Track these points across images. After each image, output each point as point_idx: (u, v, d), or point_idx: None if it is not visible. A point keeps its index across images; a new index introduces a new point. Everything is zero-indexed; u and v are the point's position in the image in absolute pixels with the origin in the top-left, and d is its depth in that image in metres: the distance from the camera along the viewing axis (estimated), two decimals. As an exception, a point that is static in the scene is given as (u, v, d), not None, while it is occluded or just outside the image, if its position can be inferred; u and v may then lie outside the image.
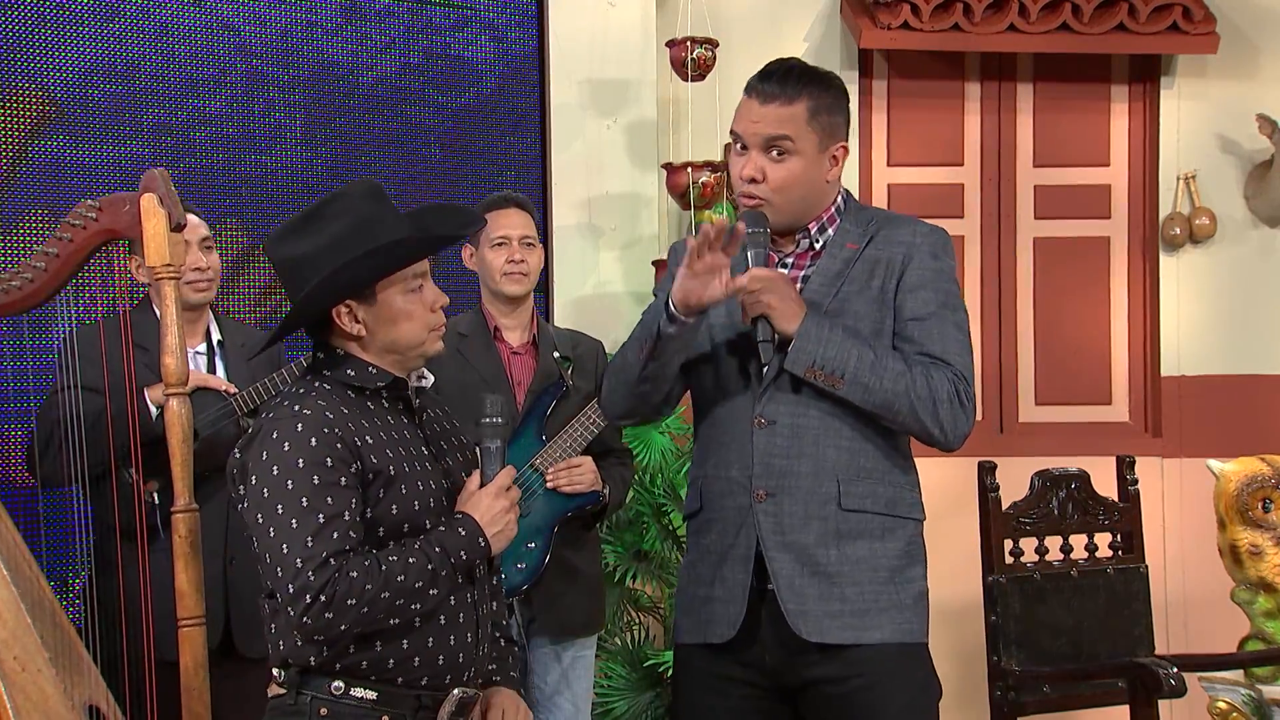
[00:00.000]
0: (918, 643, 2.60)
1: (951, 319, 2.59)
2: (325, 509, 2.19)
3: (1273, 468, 3.90)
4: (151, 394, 3.26)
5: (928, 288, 2.59)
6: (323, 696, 2.26)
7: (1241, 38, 5.00)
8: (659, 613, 4.39)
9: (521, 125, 4.75)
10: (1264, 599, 3.90)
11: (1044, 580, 3.69)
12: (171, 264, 2.97)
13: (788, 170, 2.56)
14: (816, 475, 2.55)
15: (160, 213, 2.96)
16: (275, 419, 2.27)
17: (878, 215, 2.70)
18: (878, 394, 2.50)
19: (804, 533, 2.54)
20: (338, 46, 4.44)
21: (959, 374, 2.55)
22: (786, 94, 2.56)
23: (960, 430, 2.56)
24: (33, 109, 3.93)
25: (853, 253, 2.61)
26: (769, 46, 4.94)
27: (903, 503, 2.61)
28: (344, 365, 2.35)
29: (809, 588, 2.53)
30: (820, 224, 2.64)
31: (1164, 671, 3.31)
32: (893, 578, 2.57)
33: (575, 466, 3.48)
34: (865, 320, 2.57)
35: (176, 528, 2.96)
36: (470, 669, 2.35)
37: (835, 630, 2.53)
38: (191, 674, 2.95)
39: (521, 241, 3.58)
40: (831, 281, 2.60)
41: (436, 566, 2.24)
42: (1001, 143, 5.14)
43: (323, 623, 2.18)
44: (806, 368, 2.50)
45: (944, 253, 2.63)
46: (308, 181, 4.36)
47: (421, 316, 2.35)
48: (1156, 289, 5.08)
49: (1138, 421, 5.12)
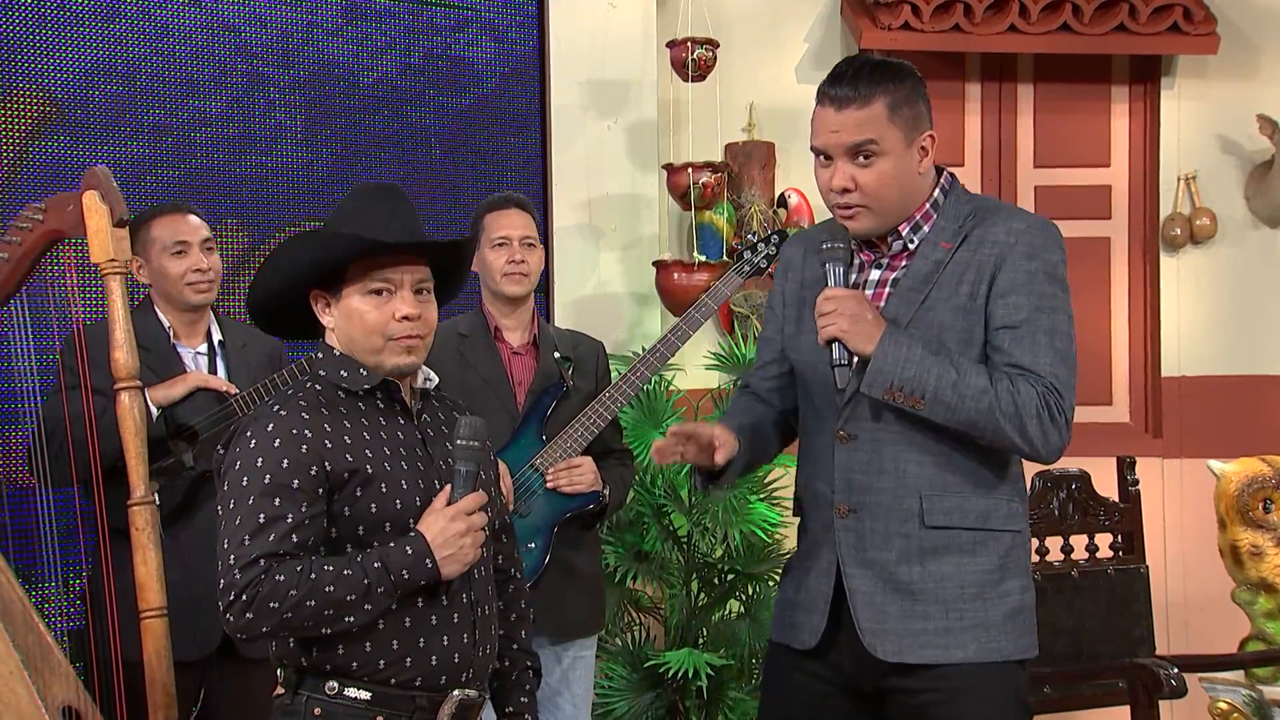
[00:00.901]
0: (1005, 661, 2.49)
1: (1045, 324, 2.44)
2: (269, 510, 2.21)
3: (1273, 468, 3.91)
4: (152, 394, 3.27)
5: (1020, 291, 2.44)
6: (318, 696, 2.27)
7: (1242, 38, 5.01)
8: (659, 613, 4.39)
9: (522, 126, 4.75)
10: (1264, 599, 3.91)
11: (1045, 581, 3.69)
12: (116, 259, 3.01)
13: (878, 173, 2.46)
14: (897, 491, 2.48)
15: (102, 209, 2.99)
16: (254, 418, 2.31)
17: (978, 207, 2.55)
18: (961, 413, 2.40)
19: (885, 550, 2.49)
20: (338, 47, 4.44)
21: (1049, 386, 2.41)
22: (861, 95, 2.44)
23: (1053, 444, 2.43)
24: (33, 109, 3.93)
25: (945, 253, 2.49)
26: (769, 47, 4.97)
27: (997, 515, 2.50)
28: (339, 366, 2.36)
29: (890, 605, 2.48)
30: (913, 222, 2.53)
31: (1164, 672, 3.32)
32: (982, 594, 2.48)
33: (575, 467, 3.48)
34: (951, 330, 2.46)
35: (134, 520, 3.00)
36: (468, 670, 2.34)
37: (915, 649, 2.46)
38: (155, 666, 2.99)
39: (522, 242, 3.58)
40: (919, 286, 2.49)
41: (373, 582, 2.21)
42: (1002, 143, 5.14)
43: (243, 621, 2.19)
44: (885, 389, 2.42)
45: (1043, 249, 2.47)
46: (308, 182, 4.36)
47: (376, 323, 2.31)
48: (1157, 289, 5.08)
49: (1138, 422, 5.12)
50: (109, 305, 2.99)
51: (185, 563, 3.35)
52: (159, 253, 3.42)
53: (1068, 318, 2.48)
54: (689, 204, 4.59)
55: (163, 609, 3.00)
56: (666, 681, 4.16)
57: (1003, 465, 2.52)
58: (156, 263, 3.43)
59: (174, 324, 3.46)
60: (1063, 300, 2.48)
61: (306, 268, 2.33)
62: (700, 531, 4.28)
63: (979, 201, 2.58)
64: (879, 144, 2.45)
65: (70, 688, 3.04)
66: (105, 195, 3.00)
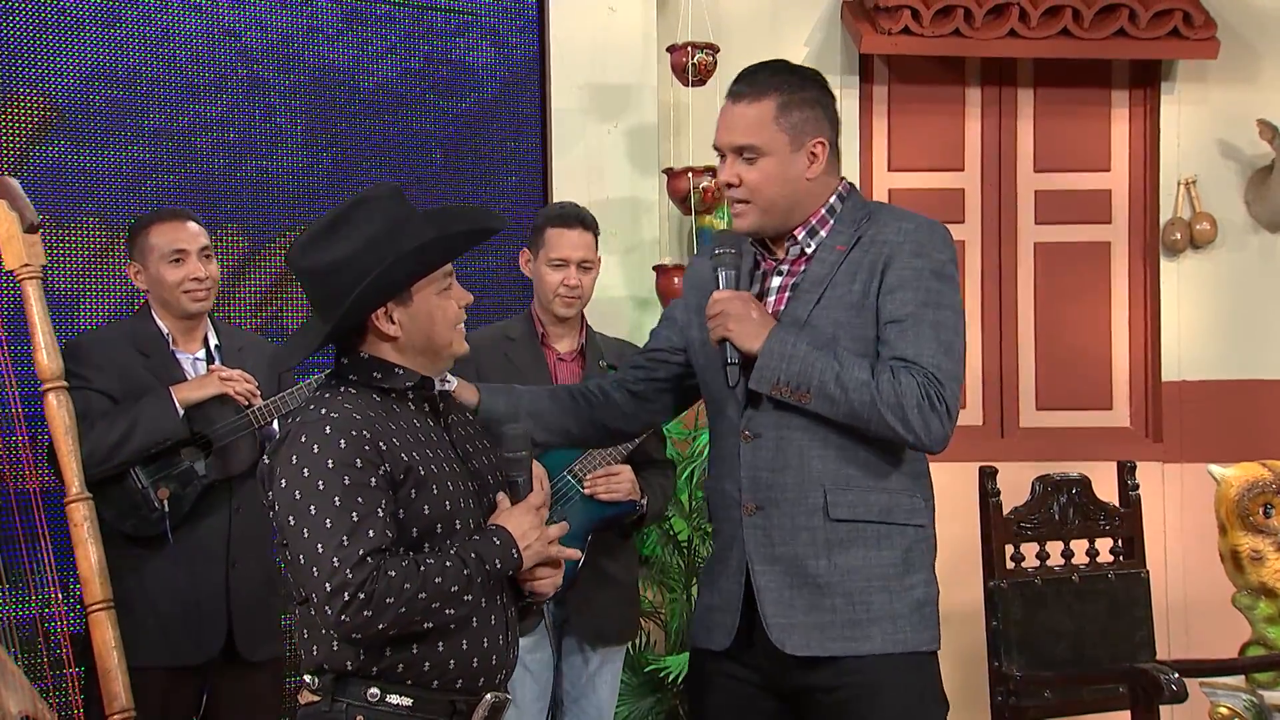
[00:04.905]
0: (915, 652, 2.55)
1: (931, 318, 2.50)
2: (358, 508, 2.18)
3: (1274, 473, 3.90)
4: (179, 393, 3.30)
5: (907, 288, 2.51)
6: (358, 703, 2.24)
7: (1242, 43, 5.01)
8: (660, 618, 4.39)
9: (522, 130, 4.75)
10: (1265, 604, 3.90)
11: (1045, 585, 3.69)
12: (30, 264, 3.11)
13: (760, 172, 2.55)
14: (802, 486, 2.53)
15: (11, 216, 3.11)
16: (303, 422, 2.26)
17: (872, 211, 2.63)
18: (844, 405, 2.46)
19: (792, 544, 2.53)
20: (339, 51, 4.44)
21: (930, 376, 2.46)
22: (754, 91, 2.56)
23: (935, 433, 2.48)
24: (34, 114, 3.93)
25: (840, 255, 2.57)
26: (770, 51, 4.92)
27: (900, 509, 2.57)
28: (370, 369, 2.33)
29: (798, 599, 2.53)
30: (809, 227, 2.61)
31: (1165, 677, 3.31)
32: (887, 585, 2.53)
33: (614, 474, 3.46)
34: (845, 328, 2.53)
35: (71, 516, 3.06)
36: (502, 672, 2.36)
37: (823, 643, 2.51)
38: (105, 657, 3.06)
39: (580, 265, 3.57)
40: (815, 288, 2.56)
41: (472, 572, 2.23)
42: (1002, 148, 5.14)
43: (361, 620, 2.15)
44: (772, 385, 2.49)
45: (930, 248, 2.54)
46: (309, 186, 4.36)
47: (453, 315, 2.36)
48: (1157, 294, 5.07)
49: (1139, 426, 5.12)
50: (26, 310, 3.10)
51: (192, 569, 3.36)
52: (157, 260, 3.43)
53: (954, 313, 2.54)
54: (689, 208, 4.59)
55: (108, 601, 3.08)
56: (667, 686, 4.16)
57: (907, 462, 2.58)
58: (154, 270, 3.43)
59: (172, 330, 3.47)
60: (949, 296, 2.54)
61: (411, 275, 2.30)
62: (700, 536, 4.27)
63: (873, 206, 2.67)
64: (760, 147, 2.54)
65: (26, 697, 3.09)
66: (14, 203, 3.11)
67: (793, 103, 2.56)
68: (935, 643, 2.60)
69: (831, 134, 2.61)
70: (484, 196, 4.31)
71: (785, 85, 2.57)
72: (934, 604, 2.61)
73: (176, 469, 3.33)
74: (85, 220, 3.97)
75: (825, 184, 2.61)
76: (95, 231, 3.98)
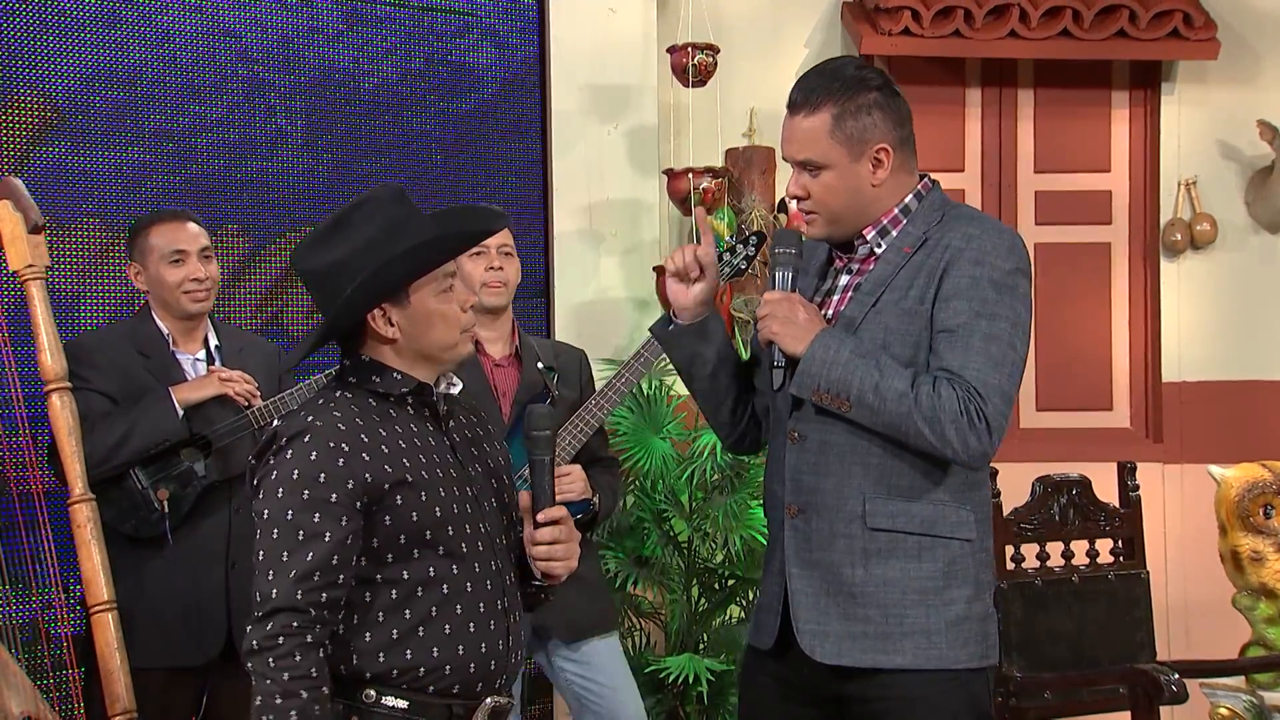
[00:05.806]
0: (949, 669, 2.47)
1: (983, 330, 2.41)
2: (309, 527, 2.16)
3: (1274, 473, 3.91)
4: (179, 394, 3.30)
5: (961, 297, 2.42)
6: (354, 705, 2.23)
7: (1242, 44, 5.01)
8: (660, 619, 4.39)
9: (522, 131, 4.75)
10: (1265, 605, 3.91)
11: (1045, 586, 3.69)
12: (34, 265, 3.11)
13: (822, 185, 2.50)
14: (841, 493, 2.48)
15: (15, 217, 3.10)
16: (289, 428, 2.24)
17: (946, 213, 2.54)
18: (882, 415, 2.40)
19: (829, 551, 2.49)
20: (339, 52, 4.44)
21: (972, 390, 2.38)
22: (809, 103, 2.50)
23: (974, 448, 2.39)
24: (34, 115, 3.93)
25: (904, 258, 2.50)
26: (770, 52, 4.98)
27: (945, 521, 2.48)
28: (370, 372, 2.31)
29: (832, 607, 2.48)
30: (880, 226, 2.53)
31: (1165, 677, 3.31)
32: (924, 600, 2.46)
33: (564, 475, 3.44)
34: (896, 334, 2.46)
35: (74, 517, 3.05)
36: (502, 676, 2.33)
37: (854, 653, 2.46)
38: (107, 658, 3.06)
39: (499, 251, 3.50)
40: (875, 290, 2.50)
41: None
42: (1002, 148, 5.14)
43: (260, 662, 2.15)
44: (812, 391, 2.44)
45: (994, 256, 2.44)
46: (309, 187, 4.36)
47: (455, 317, 2.32)
48: (1157, 295, 5.08)
49: (1139, 427, 5.12)
50: (30, 310, 3.10)
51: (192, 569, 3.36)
52: (157, 260, 3.43)
53: (1010, 325, 2.43)
54: (689, 209, 4.59)
55: (111, 602, 3.08)
56: (667, 687, 4.16)
57: (954, 474, 2.50)
58: (154, 270, 3.43)
59: (172, 331, 3.47)
60: (1007, 307, 2.43)
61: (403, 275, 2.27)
62: (700, 537, 4.28)
63: (950, 208, 2.57)
64: (818, 161, 2.50)
65: (28, 697, 3.10)
66: (18, 204, 3.10)
67: (848, 112, 2.49)
68: (976, 659, 2.50)
69: (897, 135, 2.53)
70: (484, 197, 4.31)
71: (840, 93, 2.49)
72: (977, 620, 2.51)
73: (176, 470, 3.33)
74: (85, 221, 3.98)
75: (897, 186, 2.54)
76: (95, 232, 3.98)
